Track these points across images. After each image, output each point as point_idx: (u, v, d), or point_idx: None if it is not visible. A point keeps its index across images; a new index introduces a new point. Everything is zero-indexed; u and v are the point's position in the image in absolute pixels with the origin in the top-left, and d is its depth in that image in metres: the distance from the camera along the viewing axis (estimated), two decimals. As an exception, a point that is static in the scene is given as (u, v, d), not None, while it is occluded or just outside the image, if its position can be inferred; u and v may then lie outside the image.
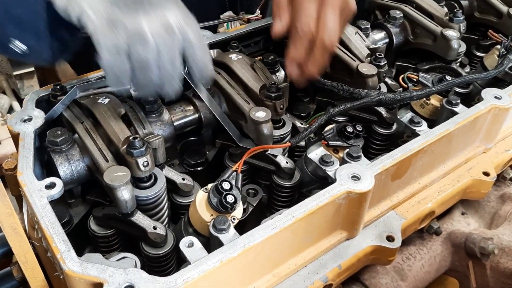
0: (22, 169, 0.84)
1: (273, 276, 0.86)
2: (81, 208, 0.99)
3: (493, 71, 1.18)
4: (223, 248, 0.76)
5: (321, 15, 0.97)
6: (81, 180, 0.92)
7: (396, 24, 1.34)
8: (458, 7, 1.45)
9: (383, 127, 1.11)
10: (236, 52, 1.17)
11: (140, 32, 0.81)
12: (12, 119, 0.94)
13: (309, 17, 0.96)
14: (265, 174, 1.09)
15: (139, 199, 0.88)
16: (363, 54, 1.18)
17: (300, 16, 0.97)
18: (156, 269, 0.90)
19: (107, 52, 0.80)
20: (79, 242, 0.92)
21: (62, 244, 0.74)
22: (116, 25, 0.80)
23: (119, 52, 0.80)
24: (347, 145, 1.00)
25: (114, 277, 0.70)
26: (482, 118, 1.08)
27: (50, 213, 0.77)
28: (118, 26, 0.80)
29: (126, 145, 0.85)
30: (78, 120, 0.94)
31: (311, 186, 1.06)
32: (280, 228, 0.79)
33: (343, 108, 1.04)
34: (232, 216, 0.87)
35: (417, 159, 0.98)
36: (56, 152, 0.90)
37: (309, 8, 0.96)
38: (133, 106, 0.99)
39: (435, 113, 1.16)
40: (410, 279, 1.08)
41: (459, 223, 1.20)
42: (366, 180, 0.87)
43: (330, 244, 0.92)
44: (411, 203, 1.05)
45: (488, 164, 1.15)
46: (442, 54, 1.29)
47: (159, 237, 0.87)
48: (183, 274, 0.71)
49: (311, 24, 0.96)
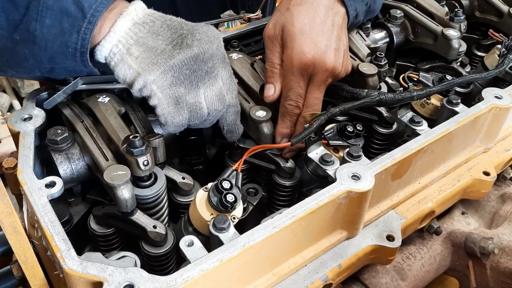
0: (22, 167, 0.84)
1: (273, 275, 0.86)
2: (81, 207, 0.98)
3: (493, 71, 1.17)
4: (223, 247, 0.75)
5: (307, 94, 1.04)
6: (81, 179, 0.92)
7: (397, 23, 1.33)
8: (459, 6, 1.45)
9: (383, 126, 1.11)
10: (236, 51, 1.17)
11: (199, 106, 0.92)
12: (12, 118, 0.94)
13: (298, 97, 1.03)
14: (265, 173, 1.09)
15: (139, 198, 0.88)
16: (363, 53, 1.18)
17: (290, 95, 1.03)
18: (156, 268, 0.90)
19: (172, 127, 0.91)
20: (79, 241, 0.92)
21: (62, 243, 0.74)
22: (179, 102, 0.90)
23: (181, 124, 0.92)
24: (348, 145, 1.00)
25: (114, 276, 0.70)
26: (483, 118, 1.08)
27: (50, 212, 0.77)
28: (181, 103, 0.90)
29: (126, 144, 0.85)
30: (78, 119, 0.94)
31: (311, 185, 1.06)
32: (280, 228, 0.79)
33: (343, 107, 1.03)
34: (232, 215, 0.87)
35: (417, 158, 0.98)
36: (56, 151, 0.90)
37: (298, 87, 1.02)
38: (134, 105, 0.98)
39: (436, 113, 1.16)
40: (410, 279, 1.08)
41: (459, 222, 1.20)
42: (366, 180, 0.87)
43: (330, 244, 0.92)
44: (411, 202, 1.05)
45: (489, 163, 1.15)
46: (442, 53, 1.29)
47: (159, 236, 0.87)
48: (183, 273, 0.71)
49: (300, 103, 1.04)
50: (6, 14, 0.86)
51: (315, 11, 1.03)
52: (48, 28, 0.86)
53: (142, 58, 0.87)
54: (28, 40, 0.87)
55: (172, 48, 0.88)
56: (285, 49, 1.04)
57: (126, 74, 0.88)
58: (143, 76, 0.86)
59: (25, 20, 0.86)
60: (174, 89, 0.88)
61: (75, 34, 0.86)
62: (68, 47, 0.87)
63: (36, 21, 0.85)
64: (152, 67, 0.87)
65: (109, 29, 0.89)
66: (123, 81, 0.90)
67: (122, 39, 0.89)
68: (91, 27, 0.86)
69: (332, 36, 1.04)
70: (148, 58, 0.87)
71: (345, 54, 1.08)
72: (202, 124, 0.97)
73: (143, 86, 0.87)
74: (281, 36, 1.04)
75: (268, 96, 1.05)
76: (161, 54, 0.87)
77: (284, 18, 1.04)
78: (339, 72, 1.05)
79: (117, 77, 0.90)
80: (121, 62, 0.88)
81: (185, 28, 0.91)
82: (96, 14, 0.86)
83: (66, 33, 0.86)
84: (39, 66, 0.90)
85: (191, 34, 0.89)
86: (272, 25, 1.06)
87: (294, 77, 1.02)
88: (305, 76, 1.02)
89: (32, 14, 0.85)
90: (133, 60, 0.88)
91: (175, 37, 0.89)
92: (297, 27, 1.02)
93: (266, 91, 1.06)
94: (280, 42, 1.05)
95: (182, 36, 0.89)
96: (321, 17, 1.03)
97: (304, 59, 1.00)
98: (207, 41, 0.90)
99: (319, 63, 1.01)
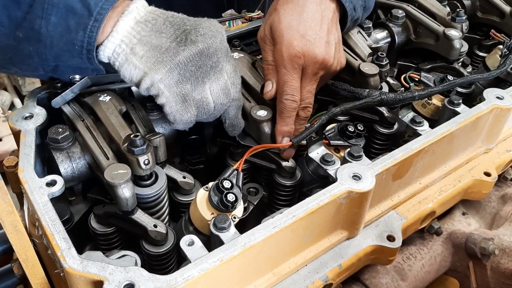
0: (23, 166, 0.84)
1: (273, 275, 0.86)
2: (81, 205, 0.99)
3: (495, 71, 1.17)
4: (224, 247, 0.75)
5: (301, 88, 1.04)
6: (82, 177, 0.92)
7: (398, 23, 1.33)
8: (461, 6, 1.45)
9: (384, 126, 1.11)
10: (237, 51, 1.17)
11: (205, 101, 0.92)
12: (13, 116, 0.94)
13: (294, 90, 1.03)
14: (266, 173, 1.09)
15: (140, 197, 0.88)
16: (365, 53, 1.18)
17: (286, 89, 1.03)
18: (156, 268, 0.90)
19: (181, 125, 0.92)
20: (79, 240, 0.92)
21: (62, 241, 0.74)
22: (186, 100, 0.90)
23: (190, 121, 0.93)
24: (348, 145, 1.00)
25: (115, 275, 0.70)
26: (484, 119, 1.08)
27: (50, 211, 0.77)
28: (188, 100, 0.90)
29: (127, 143, 0.85)
30: (79, 118, 0.94)
31: (312, 185, 1.06)
32: (281, 227, 0.79)
33: (344, 107, 1.03)
34: (232, 215, 0.87)
35: (418, 159, 0.98)
36: (57, 150, 0.90)
37: (292, 80, 1.02)
38: (135, 104, 0.98)
39: (437, 113, 1.16)
40: (411, 279, 1.08)
41: (460, 223, 1.19)
42: (367, 180, 0.87)
43: (330, 244, 0.92)
44: (412, 203, 1.05)
45: (490, 164, 1.15)
46: (444, 53, 1.29)
47: (160, 235, 0.87)
48: (184, 273, 0.71)
49: (296, 97, 1.03)
50: (8, 12, 0.86)
51: (302, 7, 1.04)
52: (53, 26, 0.86)
53: (147, 57, 0.87)
54: (32, 38, 0.87)
55: (176, 45, 0.88)
56: (275, 45, 1.05)
57: (132, 74, 0.88)
58: (150, 75, 0.86)
59: (29, 17, 0.86)
60: (180, 86, 0.89)
61: (81, 31, 0.86)
62: (74, 45, 0.87)
63: (41, 18, 0.85)
64: (158, 66, 0.87)
65: (111, 29, 0.88)
66: (129, 81, 0.90)
67: (125, 38, 0.89)
68: (97, 25, 0.86)
69: (321, 29, 1.04)
70: (153, 56, 0.87)
71: (337, 47, 1.08)
72: (207, 119, 0.97)
73: (150, 85, 0.87)
74: (270, 34, 1.05)
75: (267, 92, 1.05)
76: (166, 52, 0.87)
77: (272, 18, 1.06)
78: (331, 64, 1.05)
79: (123, 77, 0.90)
80: (126, 63, 0.88)
81: (188, 24, 0.91)
82: (103, 12, 0.86)
83: (72, 31, 0.86)
84: (43, 64, 0.90)
85: (194, 30, 0.89)
86: (262, 27, 1.09)
87: (286, 70, 1.02)
88: (297, 69, 1.02)
89: (36, 11, 0.85)
90: (138, 60, 0.88)
91: (178, 34, 0.89)
92: (284, 23, 1.03)
93: (265, 87, 1.06)
94: (271, 40, 1.06)
95: (186, 32, 0.89)
96: (309, 13, 1.04)
97: (293, 51, 1.00)
98: (211, 35, 0.90)
99: (308, 55, 1.01)
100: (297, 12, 1.04)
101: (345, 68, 1.14)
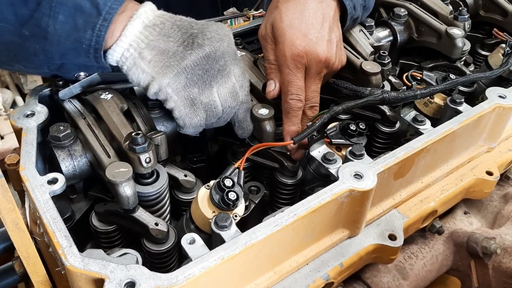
0: (24, 164, 0.84)
1: (274, 273, 0.86)
2: (83, 203, 0.99)
3: (497, 70, 1.17)
4: (225, 245, 0.75)
5: (306, 88, 1.04)
6: (83, 175, 0.92)
7: (401, 22, 1.33)
8: (463, 5, 1.44)
9: (386, 125, 1.10)
10: (239, 49, 1.17)
11: (213, 104, 0.93)
12: (15, 114, 0.94)
13: (298, 90, 1.03)
14: (267, 171, 1.09)
15: (141, 195, 0.88)
16: (367, 51, 1.17)
17: (291, 89, 1.02)
18: (157, 266, 0.90)
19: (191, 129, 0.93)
20: (80, 238, 0.92)
21: (63, 239, 0.74)
22: (195, 103, 0.90)
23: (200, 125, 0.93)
24: (350, 143, 1.00)
25: (116, 273, 0.70)
26: (486, 117, 1.07)
27: (52, 209, 0.77)
28: (197, 104, 0.91)
29: (129, 141, 0.85)
30: (81, 116, 0.94)
31: (314, 184, 1.06)
32: (282, 226, 0.79)
33: (346, 106, 1.03)
34: (234, 213, 0.87)
35: (420, 158, 0.98)
36: (58, 148, 0.90)
37: (296, 79, 1.02)
38: (136, 102, 0.98)
39: (439, 112, 1.16)
40: (412, 278, 1.08)
41: (462, 222, 1.19)
42: (368, 179, 0.87)
43: (332, 242, 0.92)
44: (413, 202, 1.05)
45: (492, 163, 1.15)
46: (446, 52, 1.29)
47: (161, 234, 0.87)
48: (185, 271, 0.71)
49: (301, 96, 1.03)
50: (14, 9, 0.86)
51: (303, 5, 1.04)
52: (61, 24, 0.86)
53: (155, 61, 0.88)
54: (39, 36, 0.87)
55: (183, 49, 0.88)
56: (277, 45, 1.04)
57: (140, 79, 0.89)
58: (158, 80, 0.87)
59: (36, 15, 0.86)
60: (188, 90, 0.89)
61: (89, 30, 0.86)
62: (82, 43, 0.87)
63: (49, 17, 0.85)
64: (165, 70, 0.87)
65: (120, 33, 0.89)
66: (137, 85, 0.91)
67: (134, 43, 0.89)
68: (106, 24, 0.86)
69: (323, 28, 1.04)
70: (161, 61, 0.87)
71: (338, 45, 1.08)
72: (217, 122, 0.98)
73: (158, 90, 0.88)
74: (272, 33, 1.05)
75: (269, 91, 1.05)
76: (173, 56, 0.87)
77: (273, 16, 1.05)
78: (333, 63, 1.05)
79: (131, 81, 0.91)
80: (134, 67, 0.89)
81: (195, 27, 0.91)
82: (112, 11, 0.86)
83: (80, 29, 0.86)
84: (48, 62, 0.90)
85: (201, 33, 0.90)
86: (263, 25, 1.08)
87: (290, 70, 1.02)
88: (300, 68, 1.02)
89: (44, 10, 0.85)
90: (146, 64, 0.88)
91: (185, 38, 0.89)
92: (286, 22, 1.02)
93: (267, 87, 1.06)
94: (272, 39, 1.05)
95: (193, 35, 0.89)
96: (310, 11, 1.04)
97: (296, 51, 1.00)
98: (218, 39, 0.90)
99: (311, 54, 1.01)
100: (299, 10, 1.04)
101: (347, 66, 1.14)
